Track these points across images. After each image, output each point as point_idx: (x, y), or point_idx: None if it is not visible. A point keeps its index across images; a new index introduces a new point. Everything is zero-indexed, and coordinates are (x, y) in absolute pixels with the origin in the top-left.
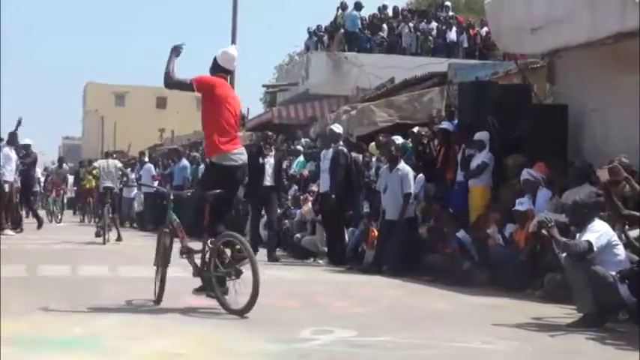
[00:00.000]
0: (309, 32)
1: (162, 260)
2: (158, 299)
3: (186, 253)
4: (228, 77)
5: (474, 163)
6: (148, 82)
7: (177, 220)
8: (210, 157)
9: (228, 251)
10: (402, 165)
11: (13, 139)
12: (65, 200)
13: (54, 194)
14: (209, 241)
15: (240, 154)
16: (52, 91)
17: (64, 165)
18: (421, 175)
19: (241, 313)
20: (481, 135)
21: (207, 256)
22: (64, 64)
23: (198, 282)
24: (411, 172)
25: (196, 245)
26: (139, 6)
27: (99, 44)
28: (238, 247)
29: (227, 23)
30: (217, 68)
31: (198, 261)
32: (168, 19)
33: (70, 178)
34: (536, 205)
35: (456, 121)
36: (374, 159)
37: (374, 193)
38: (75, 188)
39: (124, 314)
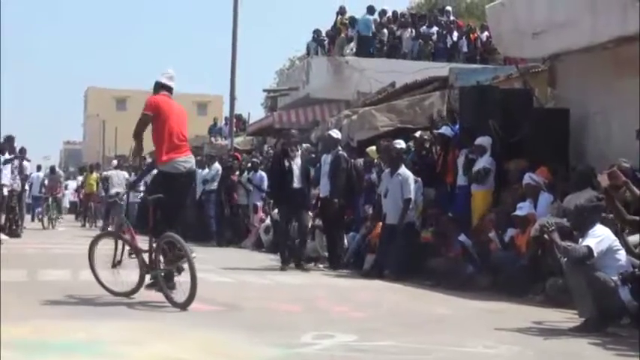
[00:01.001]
0: (315, 34)
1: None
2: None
3: (135, 252)
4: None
5: (476, 168)
6: (149, 87)
7: (128, 222)
8: (158, 166)
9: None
10: (403, 170)
11: (10, 144)
12: (67, 205)
13: (50, 200)
14: (154, 242)
15: (184, 162)
16: (54, 95)
17: (57, 170)
18: (418, 179)
19: (183, 306)
20: (482, 140)
21: (154, 255)
22: (65, 68)
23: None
24: (411, 177)
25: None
26: (140, 11)
27: (100, 49)
28: (178, 246)
29: (228, 28)
30: (158, 88)
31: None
32: (169, 23)
33: (73, 183)
34: (538, 209)
35: (457, 126)
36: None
37: (376, 196)
38: (77, 193)
39: (125, 319)
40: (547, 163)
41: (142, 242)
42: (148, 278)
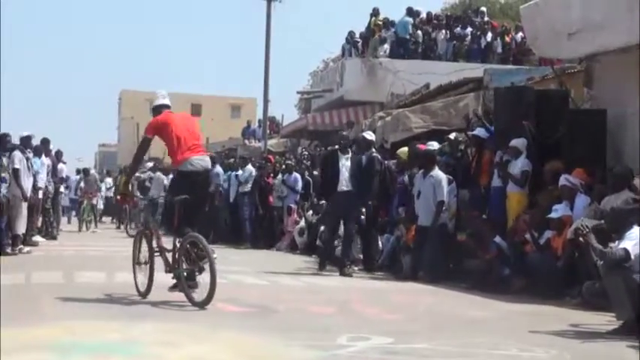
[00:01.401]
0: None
1: (152, 260)
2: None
3: (159, 251)
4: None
5: (511, 170)
6: (182, 89)
7: (155, 222)
8: (176, 168)
9: (194, 250)
10: (436, 172)
11: (45, 146)
12: (101, 206)
13: (85, 202)
14: (177, 241)
15: (200, 160)
16: (89, 98)
17: (92, 172)
18: (452, 181)
19: (202, 305)
20: (517, 142)
21: (177, 254)
22: (100, 71)
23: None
24: (444, 179)
25: None
26: (174, 13)
27: (134, 51)
28: (200, 246)
29: (261, 30)
30: (157, 109)
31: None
32: (203, 26)
33: (108, 180)
34: (575, 211)
35: (493, 127)
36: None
37: (410, 198)
38: (111, 195)
39: (160, 320)
40: (583, 164)
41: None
42: (170, 277)
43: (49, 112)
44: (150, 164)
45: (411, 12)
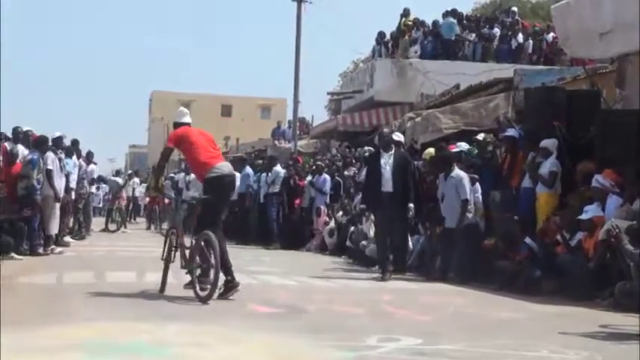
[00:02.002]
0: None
1: (168, 256)
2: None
3: (179, 248)
4: None
5: (542, 171)
6: (213, 91)
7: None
8: (202, 176)
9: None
10: (456, 172)
11: (75, 147)
12: (131, 207)
13: (117, 203)
14: (193, 239)
15: (224, 166)
16: (120, 99)
17: (111, 178)
18: (477, 180)
19: (203, 300)
20: (547, 142)
21: (192, 251)
22: (131, 73)
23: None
24: (465, 178)
25: None
26: (205, 15)
27: (165, 53)
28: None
29: (292, 31)
30: (178, 125)
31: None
32: (233, 27)
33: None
34: (606, 212)
35: (518, 128)
36: None
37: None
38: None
39: (190, 321)
40: (615, 165)
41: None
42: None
43: (81, 113)
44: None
45: (454, 13)
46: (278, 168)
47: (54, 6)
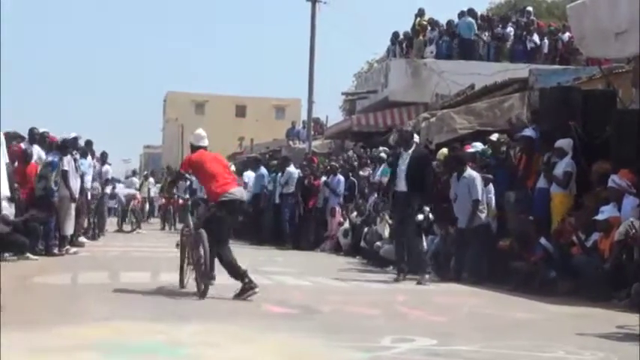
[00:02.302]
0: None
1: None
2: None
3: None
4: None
5: (556, 171)
6: (227, 91)
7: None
8: (215, 201)
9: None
10: (469, 172)
11: (89, 148)
12: (147, 209)
13: (131, 204)
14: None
15: (237, 191)
16: (134, 100)
17: (132, 178)
18: (490, 180)
19: (200, 296)
20: (562, 142)
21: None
22: (146, 73)
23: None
24: (478, 178)
25: None
26: (218, 15)
27: (179, 53)
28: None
29: (306, 31)
30: (195, 147)
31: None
32: (247, 28)
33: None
34: (622, 212)
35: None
36: None
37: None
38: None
39: (204, 321)
40: (631, 165)
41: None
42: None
43: (95, 114)
44: None
45: (472, 13)
46: (291, 168)
47: (69, 6)
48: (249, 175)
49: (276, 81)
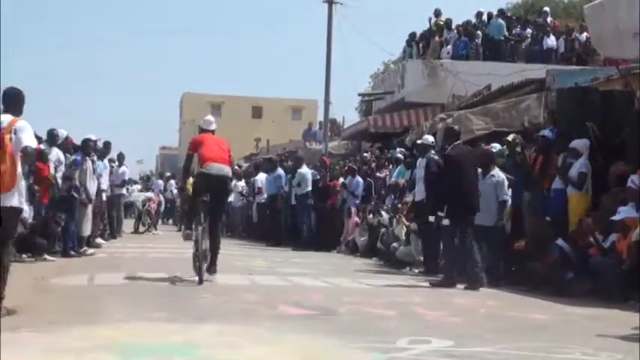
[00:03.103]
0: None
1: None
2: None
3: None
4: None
5: (572, 172)
6: (243, 92)
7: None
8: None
9: None
10: (497, 171)
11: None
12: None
13: (147, 206)
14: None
15: (217, 168)
16: (150, 101)
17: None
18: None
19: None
20: (576, 143)
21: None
22: (162, 74)
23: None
24: (505, 179)
25: None
26: (234, 16)
27: (196, 55)
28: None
29: (322, 32)
30: (201, 130)
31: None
32: (264, 29)
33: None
34: None
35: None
36: None
37: None
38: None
39: (221, 322)
40: None
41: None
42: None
43: (111, 115)
44: None
45: (502, 13)
46: (304, 169)
47: (85, 6)
48: (261, 179)
49: (293, 82)
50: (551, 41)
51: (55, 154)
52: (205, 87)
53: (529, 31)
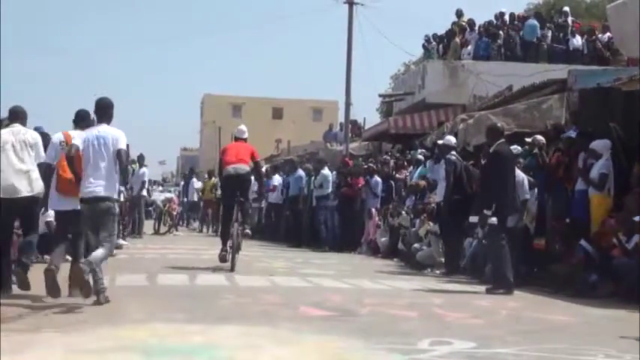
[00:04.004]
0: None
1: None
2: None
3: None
4: None
5: (592, 173)
6: (264, 93)
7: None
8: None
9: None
10: (517, 172)
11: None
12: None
13: (168, 207)
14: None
15: (234, 167)
16: (171, 103)
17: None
18: (534, 182)
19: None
20: (596, 144)
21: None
22: (183, 76)
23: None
24: (525, 179)
25: None
26: (256, 18)
27: (216, 56)
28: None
29: (343, 33)
30: (235, 138)
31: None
32: (284, 30)
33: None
34: None
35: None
36: None
37: None
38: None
39: (242, 323)
40: None
41: None
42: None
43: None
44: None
45: (539, 16)
46: (326, 171)
47: (107, 8)
48: (278, 179)
49: (313, 83)
50: (577, 41)
51: None
52: (226, 88)
53: (549, 30)
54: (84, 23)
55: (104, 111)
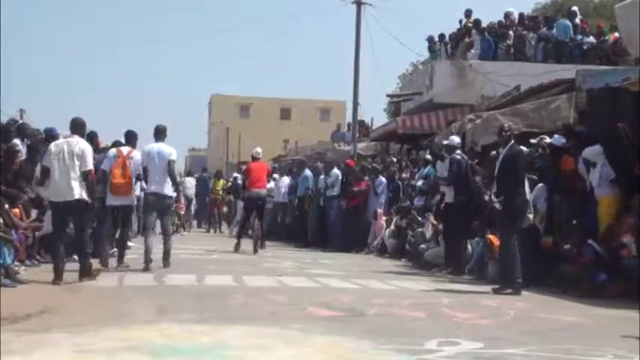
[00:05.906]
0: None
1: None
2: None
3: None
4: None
5: (593, 179)
6: (272, 94)
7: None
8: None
9: None
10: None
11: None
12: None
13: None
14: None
15: (256, 191)
16: (179, 103)
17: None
18: (542, 183)
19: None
20: (588, 152)
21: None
22: (191, 76)
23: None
24: (525, 180)
25: None
26: (262, 18)
27: (225, 57)
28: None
29: (351, 33)
30: (253, 158)
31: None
32: (292, 30)
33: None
34: None
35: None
36: None
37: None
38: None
39: (250, 323)
40: None
41: None
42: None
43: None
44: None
45: (573, 14)
46: (336, 171)
47: (114, 8)
48: (284, 181)
49: (321, 83)
50: (589, 40)
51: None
52: (234, 89)
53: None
54: (91, 23)
55: (156, 132)
